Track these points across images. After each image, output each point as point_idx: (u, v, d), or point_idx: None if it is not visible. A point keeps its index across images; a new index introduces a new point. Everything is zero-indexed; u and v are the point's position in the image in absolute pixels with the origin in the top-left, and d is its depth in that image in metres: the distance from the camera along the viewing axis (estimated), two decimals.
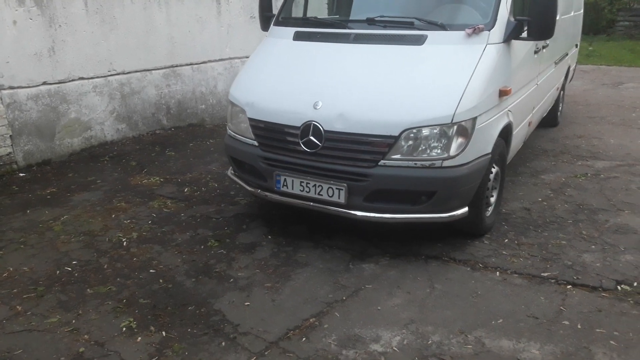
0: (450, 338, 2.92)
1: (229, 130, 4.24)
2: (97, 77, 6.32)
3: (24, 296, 3.37)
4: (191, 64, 7.50)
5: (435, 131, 3.42)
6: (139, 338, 2.95)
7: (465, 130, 3.46)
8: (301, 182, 3.73)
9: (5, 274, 3.62)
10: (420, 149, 3.45)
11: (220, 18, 7.72)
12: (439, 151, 3.45)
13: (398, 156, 3.47)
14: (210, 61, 7.75)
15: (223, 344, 2.90)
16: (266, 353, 2.81)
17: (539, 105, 5.45)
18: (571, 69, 7.69)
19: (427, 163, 3.46)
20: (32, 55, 5.63)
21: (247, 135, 4.01)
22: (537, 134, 6.88)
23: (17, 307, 3.25)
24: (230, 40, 7.92)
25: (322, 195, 3.68)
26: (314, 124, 3.61)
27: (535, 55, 4.69)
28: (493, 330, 2.99)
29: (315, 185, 3.68)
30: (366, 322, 3.07)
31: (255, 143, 3.95)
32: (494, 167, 4.03)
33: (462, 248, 3.90)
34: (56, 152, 6.00)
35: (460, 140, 3.47)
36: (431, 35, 3.78)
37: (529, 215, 4.50)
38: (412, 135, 3.43)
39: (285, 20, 4.56)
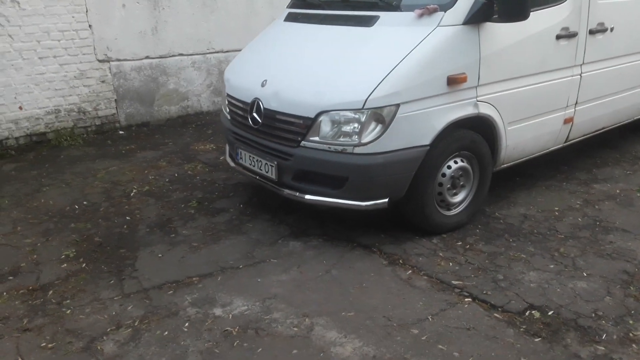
0: (289, 318, 2.93)
1: (223, 105, 4.63)
2: (196, 54, 7.23)
3: (31, 221, 4.30)
4: None
5: (348, 116, 3.34)
6: (64, 265, 3.60)
7: (381, 117, 3.30)
8: (249, 156, 3.97)
9: (35, 204, 4.63)
10: (334, 133, 3.40)
11: None
12: (351, 137, 3.36)
13: (316, 138, 3.47)
14: None
15: (112, 281, 3.38)
16: (131, 295, 3.21)
17: (599, 101, 4.61)
18: None
19: (339, 148, 3.39)
20: (137, 33, 6.72)
21: (226, 110, 4.36)
22: None
23: (18, 227, 4.18)
24: None
25: (262, 170, 3.87)
26: (257, 101, 3.80)
27: (565, 41, 4.03)
28: (335, 320, 2.90)
29: (257, 160, 3.89)
30: (235, 289, 3.24)
31: (229, 117, 4.29)
32: (457, 162, 3.70)
33: (400, 242, 3.71)
34: (154, 117, 7.10)
35: (376, 127, 3.32)
36: (383, 16, 3.62)
37: (520, 223, 3.98)
38: (327, 118, 3.40)
39: (296, 2, 4.70)
